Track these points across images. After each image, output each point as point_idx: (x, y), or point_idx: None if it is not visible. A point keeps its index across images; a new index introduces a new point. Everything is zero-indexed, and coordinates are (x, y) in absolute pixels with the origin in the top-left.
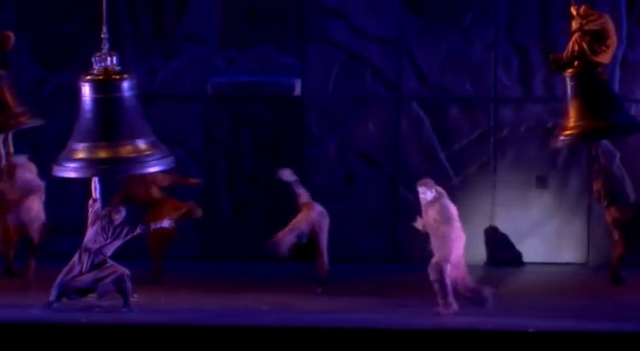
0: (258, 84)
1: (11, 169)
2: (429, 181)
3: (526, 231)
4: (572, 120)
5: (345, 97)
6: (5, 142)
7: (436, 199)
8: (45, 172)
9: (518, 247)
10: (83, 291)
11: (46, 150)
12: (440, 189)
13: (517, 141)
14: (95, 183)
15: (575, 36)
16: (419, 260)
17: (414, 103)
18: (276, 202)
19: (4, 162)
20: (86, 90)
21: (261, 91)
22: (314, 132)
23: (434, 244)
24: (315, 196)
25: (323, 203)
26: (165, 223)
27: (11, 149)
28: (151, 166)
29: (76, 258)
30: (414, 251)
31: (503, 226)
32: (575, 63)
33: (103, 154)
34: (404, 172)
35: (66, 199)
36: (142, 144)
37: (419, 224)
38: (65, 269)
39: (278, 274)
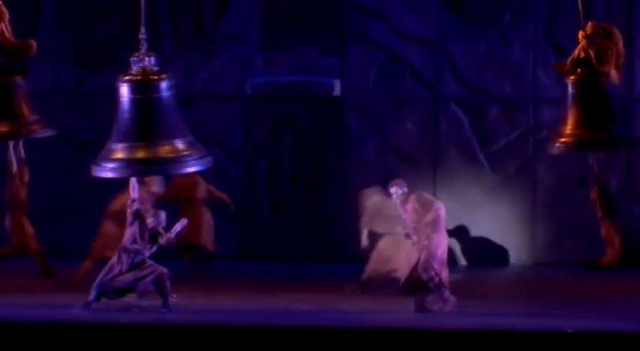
0: (297, 84)
1: (23, 174)
2: (400, 180)
3: (566, 231)
4: (569, 127)
5: (384, 98)
6: (16, 148)
7: (410, 193)
8: (86, 172)
9: (559, 247)
10: (122, 290)
11: (87, 149)
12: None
13: None
14: (133, 183)
15: (582, 43)
16: (456, 263)
17: (453, 104)
18: (315, 203)
19: (15, 168)
20: (124, 90)
21: (300, 92)
22: (354, 132)
23: (418, 243)
24: (355, 197)
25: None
26: (179, 226)
27: (22, 155)
28: (189, 166)
29: (115, 258)
30: (452, 254)
31: (543, 227)
32: (579, 70)
33: (141, 154)
34: (443, 172)
35: (103, 199)
36: (180, 144)
37: (402, 230)
38: (105, 269)
39: (317, 275)
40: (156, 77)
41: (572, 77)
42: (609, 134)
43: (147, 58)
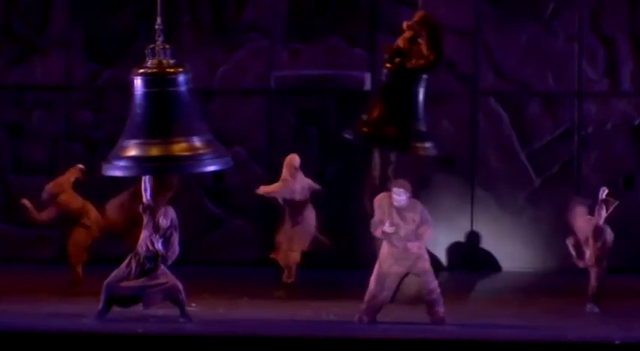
0: (324, 78)
1: None
2: (407, 183)
3: (615, 235)
4: (367, 116)
5: None
6: None
7: (415, 203)
8: (98, 171)
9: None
10: (129, 299)
11: (100, 148)
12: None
13: (603, 139)
14: (145, 183)
15: (406, 33)
16: (499, 268)
17: (492, 99)
18: (344, 205)
19: None
20: (138, 83)
21: (328, 85)
22: None
23: (401, 247)
24: None
25: None
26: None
27: None
28: (206, 166)
29: (126, 261)
30: (493, 259)
31: None
32: (396, 60)
33: (155, 152)
34: (481, 172)
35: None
36: (197, 141)
37: (389, 229)
38: (113, 273)
39: (346, 282)
40: (172, 70)
41: (387, 65)
42: (400, 133)
43: (162, 50)
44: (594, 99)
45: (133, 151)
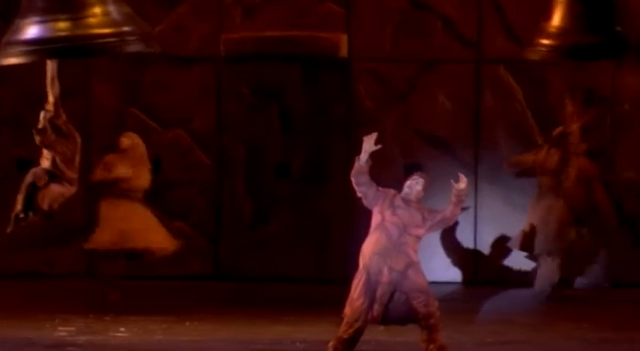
0: (288, 41)
1: None
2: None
3: None
4: (554, 24)
5: (406, 59)
6: None
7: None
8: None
9: None
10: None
11: (2, 125)
12: None
13: None
14: (53, 72)
15: None
16: (510, 283)
17: (502, 68)
18: (314, 204)
19: None
20: None
21: (292, 51)
22: (365, 107)
23: (406, 252)
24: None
25: None
26: None
27: None
28: (130, 45)
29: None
30: (503, 271)
31: (628, 236)
32: None
33: (62, 30)
34: (488, 161)
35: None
36: (115, 15)
37: (362, 158)
38: None
39: (316, 300)
40: None
41: None
42: (605, 38)
43: None
44: (633, 66)
45: (33, 32)
